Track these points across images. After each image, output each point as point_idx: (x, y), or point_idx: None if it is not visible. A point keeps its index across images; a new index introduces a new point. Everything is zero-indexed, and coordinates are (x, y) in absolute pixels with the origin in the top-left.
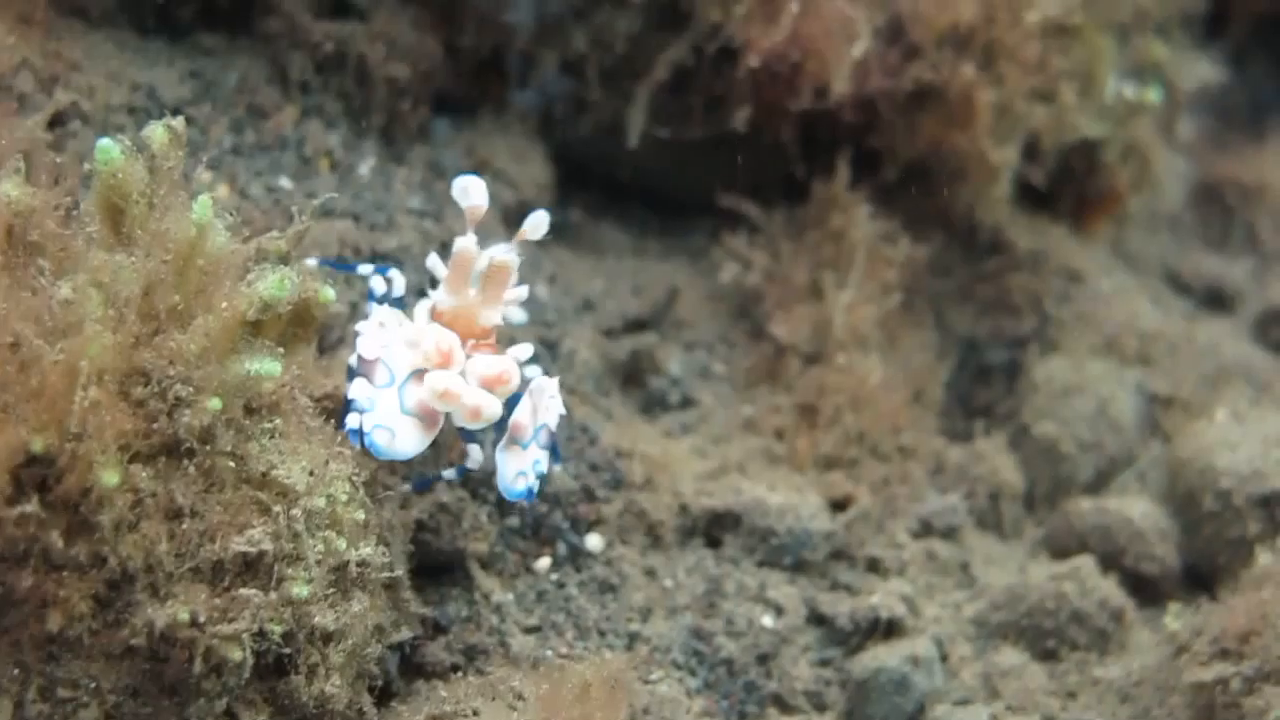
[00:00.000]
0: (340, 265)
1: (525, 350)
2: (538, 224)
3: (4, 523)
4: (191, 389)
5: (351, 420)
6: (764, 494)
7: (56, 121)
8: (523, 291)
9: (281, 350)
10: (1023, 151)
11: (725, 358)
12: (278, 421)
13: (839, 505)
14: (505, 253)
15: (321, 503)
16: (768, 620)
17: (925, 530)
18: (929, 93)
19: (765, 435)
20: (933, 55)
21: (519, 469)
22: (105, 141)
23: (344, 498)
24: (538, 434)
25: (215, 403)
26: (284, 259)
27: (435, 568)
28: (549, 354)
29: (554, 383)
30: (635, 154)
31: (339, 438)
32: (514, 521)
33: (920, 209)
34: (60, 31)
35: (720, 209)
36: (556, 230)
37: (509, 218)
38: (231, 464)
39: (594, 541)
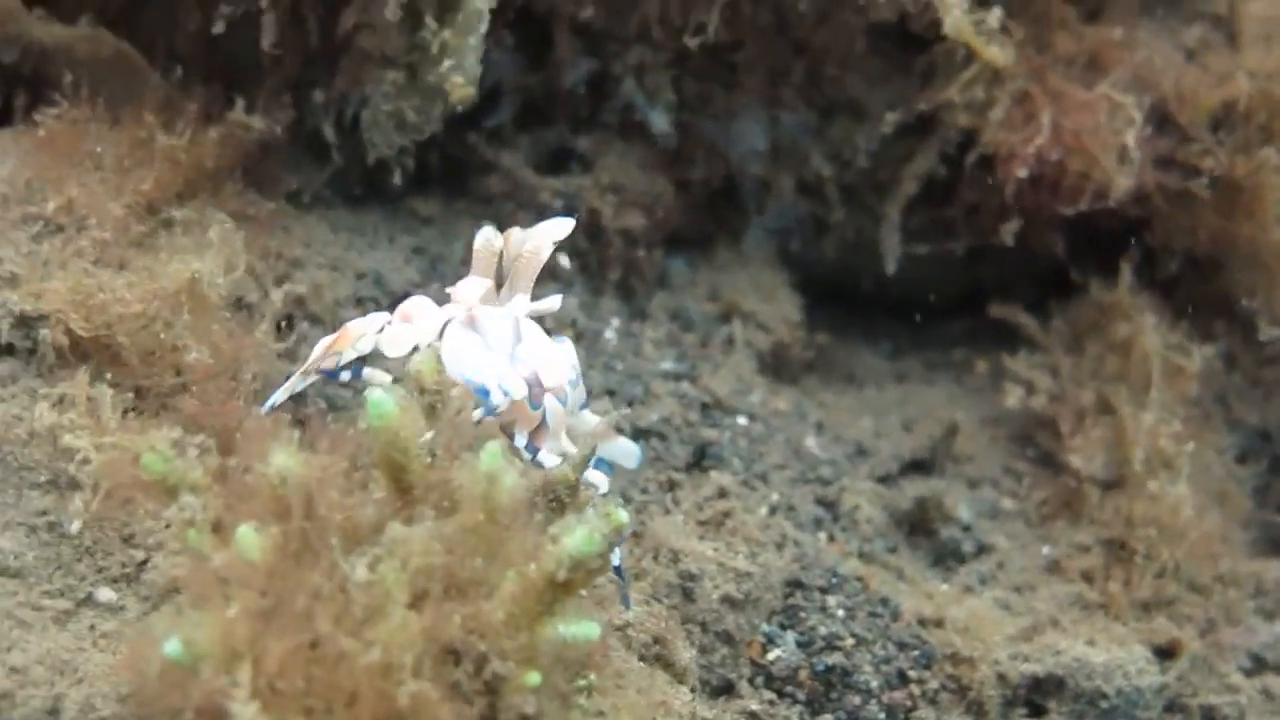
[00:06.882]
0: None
1: (552, 303)
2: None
3: None
4: (506, 663)
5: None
6: (1085, 652)
7: (282, 326)
8: (554, 302)
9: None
10: None
11: (1013, 491)
12: (591, 677)
13: (1164, 652)
14: (539, 241)
15: None
16: None
17: (1258, 666)
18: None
19: (1072, 579)
20: (1203, 139)
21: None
22: (377, 395)
23: None
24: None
25: (534, 677)
26: (572, 489)
27: None
28: (829, 514)
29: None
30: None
31: (653, 676)
32: None
33: (1194, 297)
34: (274, 223)
35: (977, 315)
36: (806, 363)
37: (765, 364)
38: None
39: None
